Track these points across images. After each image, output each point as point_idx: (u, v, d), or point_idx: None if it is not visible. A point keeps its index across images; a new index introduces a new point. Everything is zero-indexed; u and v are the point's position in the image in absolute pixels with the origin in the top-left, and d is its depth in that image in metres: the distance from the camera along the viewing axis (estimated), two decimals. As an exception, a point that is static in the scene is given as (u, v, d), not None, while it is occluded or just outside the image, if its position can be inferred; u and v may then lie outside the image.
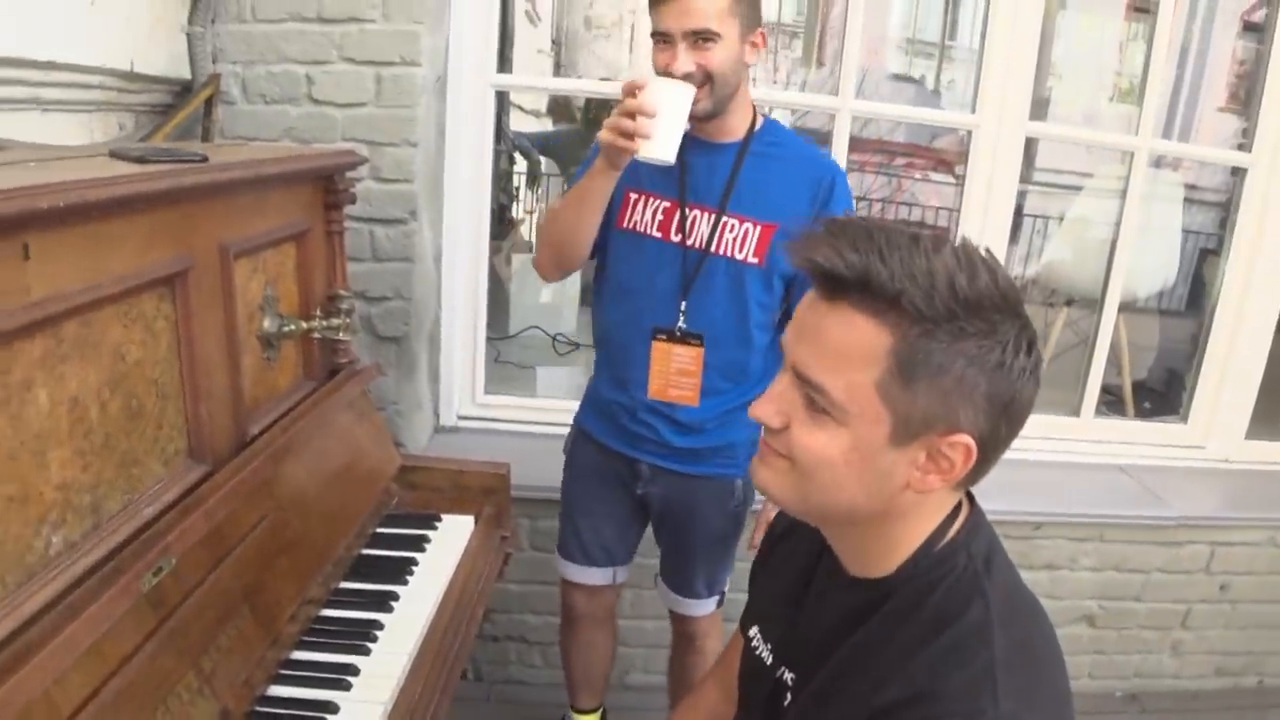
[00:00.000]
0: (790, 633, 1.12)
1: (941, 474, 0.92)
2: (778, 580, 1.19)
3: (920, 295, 0.85)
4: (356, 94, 2.29)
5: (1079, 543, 2.82)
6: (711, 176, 1.83)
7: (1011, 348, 0.87)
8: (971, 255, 0.88)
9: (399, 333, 2.46)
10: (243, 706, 1.25)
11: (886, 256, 0.86)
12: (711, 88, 1.72)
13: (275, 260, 1.59)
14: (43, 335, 1.03)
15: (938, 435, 0.89)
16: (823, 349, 0.91)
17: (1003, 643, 0.90)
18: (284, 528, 1.47)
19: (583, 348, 3.78)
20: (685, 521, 2.00)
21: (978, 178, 2.75)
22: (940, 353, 0.86)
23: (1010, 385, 0.88)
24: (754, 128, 1.84)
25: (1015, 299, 0.89)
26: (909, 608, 0.96)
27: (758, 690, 1.15)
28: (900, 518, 0.96)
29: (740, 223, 1.82)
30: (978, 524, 1.01)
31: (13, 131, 1.66)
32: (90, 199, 1.04)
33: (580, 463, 2.11)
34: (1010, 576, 1.00)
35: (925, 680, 0.89)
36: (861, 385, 0.88)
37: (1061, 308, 3.99)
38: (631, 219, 1.89)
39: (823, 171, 1.84)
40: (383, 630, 1.48)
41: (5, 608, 0.98)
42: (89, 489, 1.13)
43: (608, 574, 2.13)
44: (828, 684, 1.00)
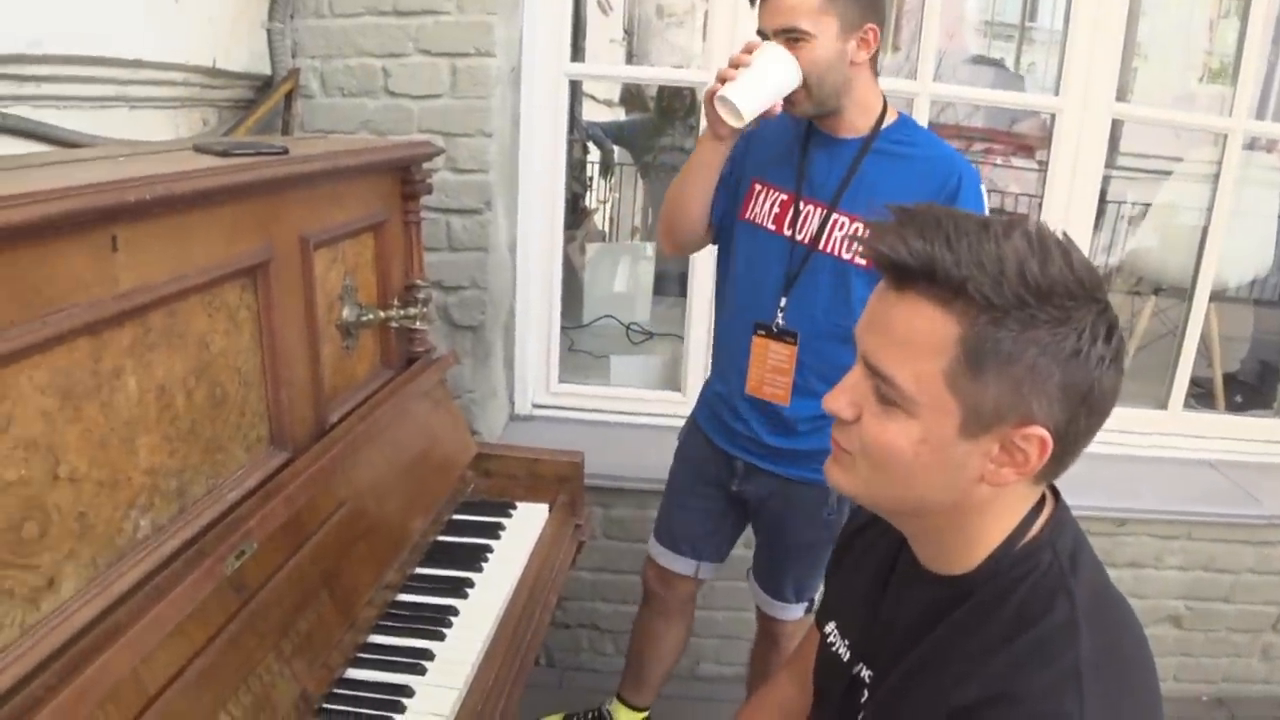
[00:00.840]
0: (868, 630, 1.10)
1: (1016, 467, 0.89)
2: (855, 576, 1.17)
3: (988, 282, 0.83)
4: (432, 85, 2.32)
5: (1165, 540, 2.73)
6: (829, 171, 1.79)
7: (1088, 335, 0.84)
8: (1045, 240, 0.85)
9: (475, 322, 2.48)
10: (321, 688, 1.28)
11: (953, 243, 0.84)
12: (807, 89, 1.68)
13: (354, 250, 1.61)
14: (131, 325, 1.06)
15: (1010, 427, 0.87)
16: (891, 339, 0.90)
17: (1089, 643, 0.87)
18: (362, 514, 1.49)
19: (656, 337, 3.78)
20: (778, 524, 1.99)
21: (1061, 163, 2.68)
22: (1010, 341, 0.83)
23: (1087, 374, 0.85)
24: (881, 124, 1.77)
25: (1093, 284, 0.85)
26: (991, 606, 0.93)
27: (834, 686, 1.14)
28: (978, 512, 0.94)
29: (850, 221, 1.77)
30: (1062, 521, 0.98)
31: (102, 128, 1.71)
32: (175, 192, 1.07)
33: (686, 453, 2.12)
34: (1098, 576, 0.97)
35: (1007, 680, 0.87)
36: (929, 375, 0.87)
37: (1149, 297, 3.86)
38: (752, 210, 1.88)
39: (949, 172, 1.74)
40: (458, 616, 1.50)
41: (96, 588, 1.02)
42: (175, 474, 1.16)
43: (690, 565, 2.13)
44: (905, 680, 0.99)
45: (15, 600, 0.92)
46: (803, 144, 1.82)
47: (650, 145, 5.58)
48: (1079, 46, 2.57)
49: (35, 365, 0.93)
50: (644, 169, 5.75)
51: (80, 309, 0.97)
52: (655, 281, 4.08)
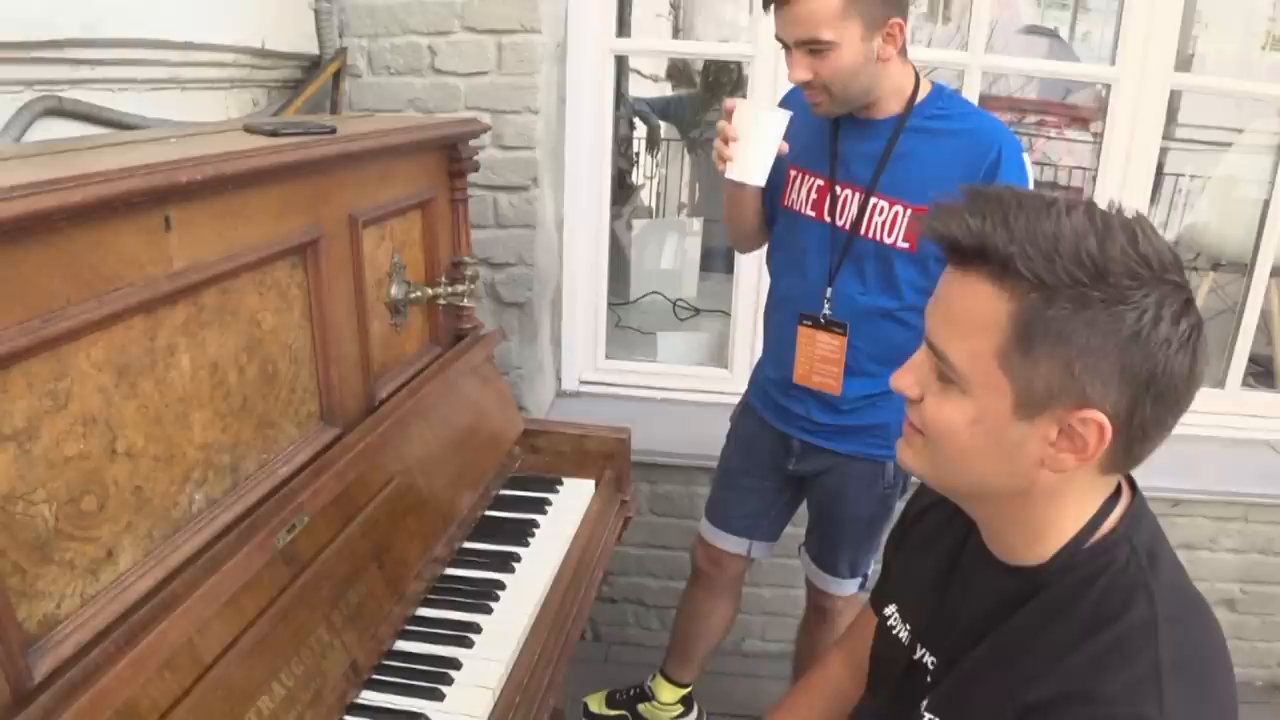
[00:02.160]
0: (933, 615, 1.09)
1: (1075, 452, 0.86)
2: (920, 559, 1.15)
3: (1040, 259, 0.81)
4: (478, 63, 2.32)
5: (1221, 522, 2.68)
6: (863, 154, 1.76)
7: (1150, 317, 0.81)
8: (1109, 218, 0.83)
9: (522, 298, 2.49)
10: (371, 660, 1.31)
11: (1010, 221, 0.83)
12: (829, 94, 1.65)
13: (402, 228, 1.63)
14: (184, 303, 1.08)
15: (1066, 409, 0.85)
16: (949, 317, 0.89)
17: (1169, 644, 0.86)
18: (411, 489, 1.51)
19: (703, 313, 3.77)
20: (834, 501, 1.98)
21: (1117, 135, 2.62)
22: (1062, 320, 0.82)
23: (1149, 358, 0.82)
24: (914, 99, 1.72)
25: (1162, 264, 0.82)
26: (1066, 601, 0.92)
27: (892, 669, 1.13)
28: (1045, 501, 0.92)
29: (890, 205, 1.73)
30: (1140, 515, 0.96)
31: (156, 110, 1.73)
32: (226, 172, 1.09)
33: (740, 433, 2.12)
34: (1178, 575, 0.95)
35: (1083, 679, 0.86)
36: (982, 353, 0.86)
37: (1207, 272, 3.78)
38: (790, 196, 1.86)
39: (987, 145, 1.68)
40: (505, 590, 1.52)
41: (153, 560, 1.04)
42: (228, 449, 1.18)
43: (741, 544, 2.13)
44: (975, 673, 0.97)
45: (76, 571, 0.94)
46: (834, 127, 1.79)
47: (697, 120, 5.55)
48: (1136, 14, 2.50)
49: (93, 343, 0.95)
50: (690, 144, 5.73)
51: (135, 288, 0.99)
52: (702, 258, 4.07)
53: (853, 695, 1.28)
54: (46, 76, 1.50)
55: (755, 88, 2.56)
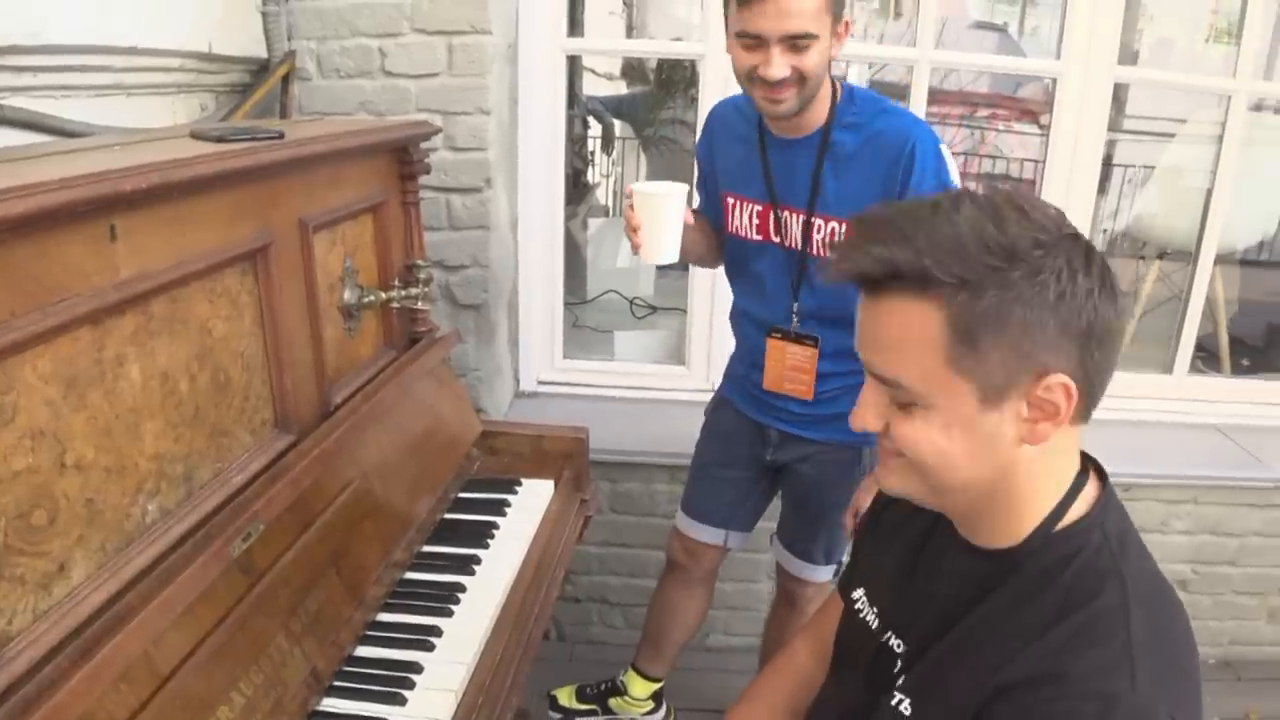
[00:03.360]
0: (901, 599, 1.11)
1: (1050, 418, 0.89)
2: (888, 545, 1.17)
3: (954, 261, 0.85)
4: (429, 64, 2.31)
5: (1172, 505, 2.74)
6: (794, 176, 1.78)
7: (1066, 275, 0.85)
8: (995, 201, 0.88)
9: (478, 300, 2.49)
10: (331, 666, 1.30)
11: (909, 236, 0.86)
12: (800, 89, 1.65)
13: (354, 232, 1.62)
14: (133, 313, 1.07)
15: (1029, 384, 0.88)
16: (884, 345, 0.92)
17: (1140, 626, 0.88)
18: (368, 494, 1.51)
19: (660, 311, 3.78)
20: (812, 488, 2.01)
21: (1064, 127, 2.66)
22: (994, 308, 0.85)
23: (1079, 311, 0.86)
24: (833, 107, 1.74)
25: (1056, 225, 0.88)
26: (1038, 584, 0.94)
27: (860, 655, 1.14)
28: (1025, 479, 0.94)
29: (826, 222, 1.77)
30: (1110, 502, 0.99)
31: (101, 116, 1.71)
32: (172, 179, 1.08)
33: (716, 427, 2.14)
34: (1146, 561, 0.97)
35: (1055, 660, 0.88)
36: (932, 367, 0.88)
37: (1154, 260, 3.85)
38: (733, 223, 1.89)
39: (900, 144, 1.69)
40: (465, 592, 1.52)
41: (106, 573, 1.03)
42: (181, 459, 1.17)
43: (717, 535, 2.15)
44: (947, 656, 0.99)
45: (27, 587, 0.93)
46: (760, 150, 1.81)
47: (651, 118, 5.56)
48: (1080, 9, 2.55)
49: (39, 355, 0.94)
50: (645, 142, 5.73)
51: (81, 298, 0.98)
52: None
53: (819, 680, 1.29)
54: (-14, 84, 1.48)
55: (706, 85, 2.58)
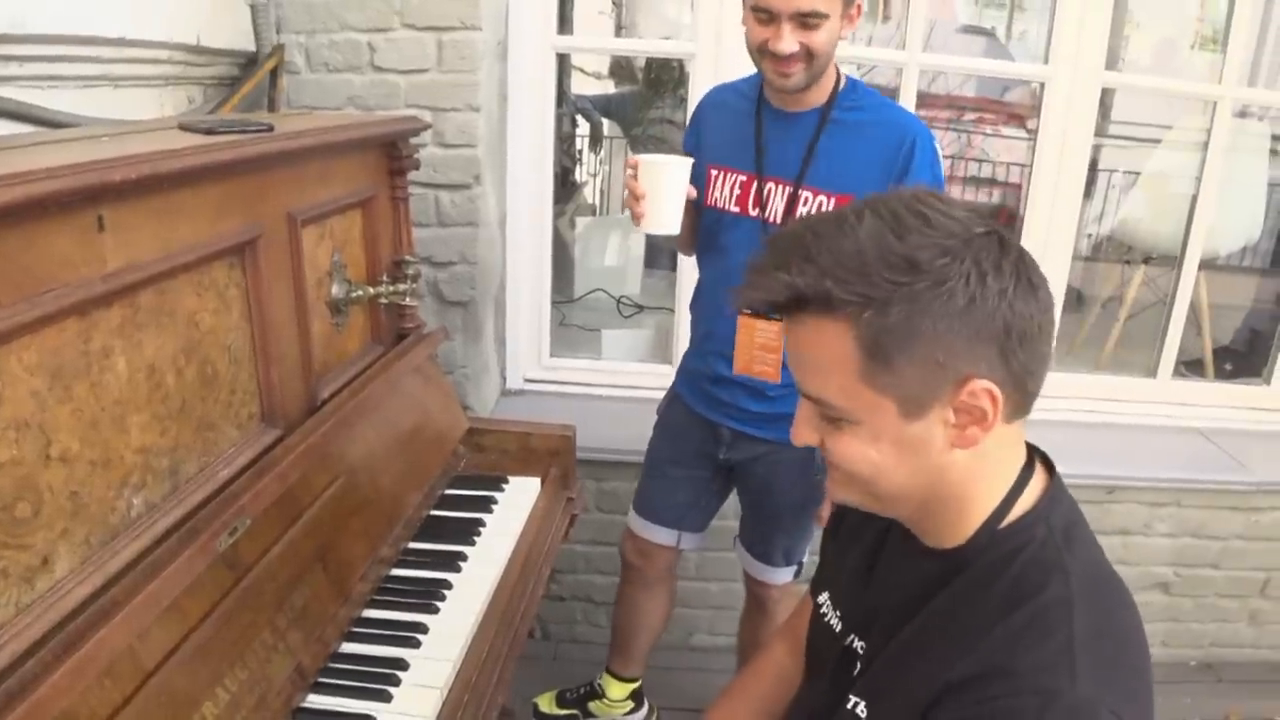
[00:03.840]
0: (860, 602, 1.11)
1: (979, 423, 0.89)
2: (848, 548, 1.17)
3: (856, 280, 0.84)
4: (418, 60, 2.30)
5: (1154, 508, 2.75)
6: (788, 147, 1.80)
7: (974, 279, 0.84)
8: (895, 210, 0.87)
9: (465, 297, 2.48)
10: (317, 663, 1.29)
11: (813, 256, 0.86)
12: (809, 65, 1.68)
13: (342, 227, 1.61)
14: (120, 304, 1.06)
15: (950, 392, 0.87)
16: (805, 365, 0.93)
17: (1083, 620, 0.88)
18: (355, 489, 1.50)
19: (647, 310, 3.78)
20: (766, 489, 2.00)
21: (1050, 132, 2.68)
22: (902, 323, 0.84)
23: (993, 315, 0.85)
24: (836, 92, 1.78)
25: (964, 226, 0.86)
26: (984, 581, 0.94)
27: (826, 657, 1.15)
28: (966, 479, 0.94)
29: (815, 195, 1.78)
30: (1057, 496, 0.98)
31: (88, 108, 1.70)
32: (161, 171, 1.07)
33: (668, 424, 2.13)
34: (1093, 552, 0.97)
35: (1000, 656, 0.87)
36: (848, 384, 0.89)
37: (1139, 265, 3.87)
38: (712, 195, 1.89)
39: (902, 136, 1.75)
40: (451, 590, 1.51)
41: (90, 566, 1.02)
42: (167, 453, 1.16)
43: (670, 535, 2.14)
44: (899, 655, 0.99)
45: (10, 580, 0.92)
46: (756, 122, 1.82)
47: (639, 117, 5.55)
48: (1068, 14, 2.56)
49: (24, 346, 0.93)
50: (633, 141, 5.73)
51: (68, 289, 0.97)
52: (646, 254, 4.08)
53: (796, 680, 1.30)
54: (-27, 74, 1.46)
55: (696, 84, 2.57)
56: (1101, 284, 4.49)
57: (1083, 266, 4.80)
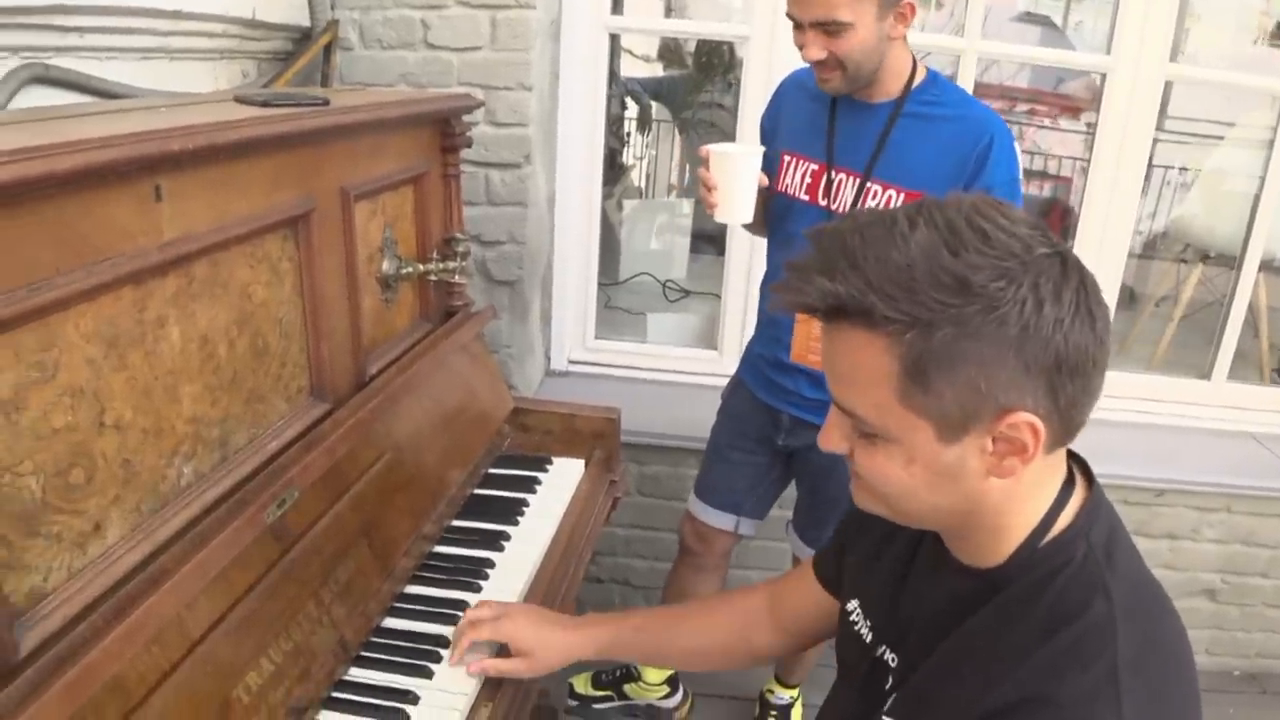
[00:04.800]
0: (891, 614, 1.07)
1: (1018, 455, 0.84)
2: (877, 556, 1.13)
3: (903, 297, 0.78)
4: (472, 38, 2.30)
5: (1204, 513, 2.70)
6: (859, 138, 1.77)
7: (1030, 306, 0.78)
8: (953, 221, 0.80)
9: (512, 277, 2.48)
10: (359, 637, 1.30)
11: (861, 263, 0.80)
12: (844, 72, 1.66)
13: (394, 203, 1.61)
14: (175, 275, 1.07)
15: (990, 422, 0.82)
16: (841, 377, 0.88)
17: (1127, 643, 0.83)
18: (400, 465, 1.50)
19: (693, 295, 3.77)
20: (823, 475, 1.99)
21: (1110, 125, 2.62)
22: (948, 346, 0.78)
23: (1047, 345, 0.79)
24: (911, 84, 1.74)
25: (1025, 245, 0.79)
26: (1023, 603, 0.89)
27: (857, 666, 1.11)
28: (1003, 503, 0.89)
29: (884, 189, 1.75)
30: (1096, 508, 0.93)
31: (144, 79, 1.71)
32: (218, 142, 1.07)
33: (731, 409, 2.13)
34: (1135, 567, 0.92)
35: (1040, 683, 0.83)
36: (885, 402, 0.84)
37: (1195, 264, 3.79)
38: (784, 182, 1.87)
39: (979, 134, 1.70)
40: (494, 569, 1.51)
41: (141, 534, 1.03)
42: (218, 423, 1.17)
43: (729, 520, 2.14)
44: (933, 677, 0.95)
45: (63, 544, 0.93)
46: (830, 110, 1.80)
47: (689, 101, 5.53)
48: (1133, 4, 2.50)
49: (81, 314, 0.93)
50: (682, 125, 5.71)
51: (125, 258, 0.97)
52: (691, 239, 4.06)
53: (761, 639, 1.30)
54: (33, 43, 1.47)
55: (750, 69, 2.55)
56: (1155, 282, 4.41)
57: (1135, 264, 4.71)
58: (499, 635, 1.28)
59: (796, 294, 0.85)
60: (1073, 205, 5.60)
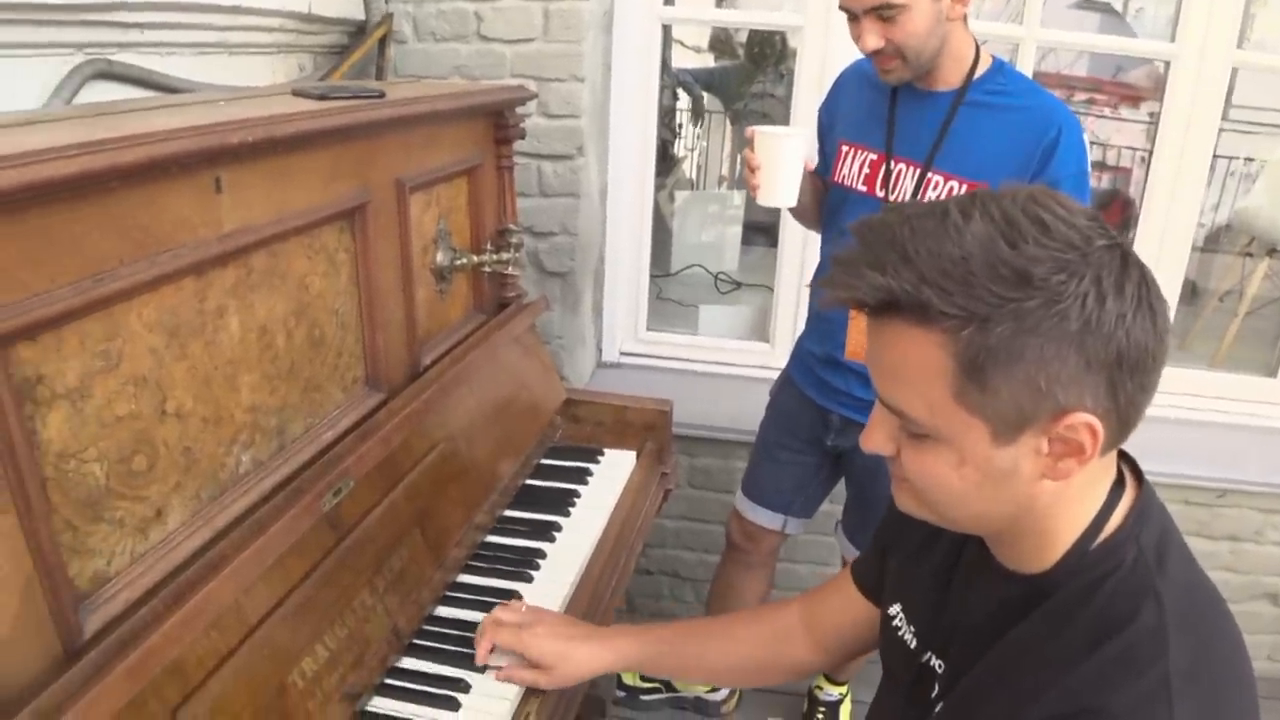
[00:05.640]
0: (936, 619, 1.04)
1: (1074, 456, 0.81)
2: (919, 560, 1.10)
3: (959, 291, 0.75)
4: (524, 30, 2.30)
5: (1267, 514, 2.61)
6: (920, 128, 1.73)
7: (1093, 299, 0.75)
8: (1009, 212, 0.77)
9: (565, 268, 2.48)
10: (412, 625, 1.31)
11: (910, 256, 0.77)
12: (904, 60, 1.63)
13: (448, 194, 1.62)
14: (234, 265, 1.08)
15: (1046, 422, 0.79)
16: (889, 373, 0.84)
17: (1180, 652, 0.80)
18: (454, 456, 1.51)
19: (744, 287, 3.75)
20: (872, 478, 1.96)
21: (1174, 114, 2.55)
22: (1006, 342, 0.75)
23: (1109, 341, 0.76)
24: (974, 72, 1.70)
25: (1084, 237, 0.76)
26: (1070, 610, 0.86)
27: (902, 671, 1.09)
28: (1050, 510, 0.86)
29: (945, 180, 1.71)
30: (1147, 509, 0.89)
31: (203, 74, 1.73)
32: (277, 134, 1.08)
33: (779, 406, 2.11)
34: (1188, 570, 0.88)
35: (1089, 694, 0.80)
36: (939, 401, 0.81)
37: (1261, 258, 3.69)
38: (841, 172, 1.84)
39: (1046, 124, 1.65)
40: (545, 559, 1.52)
41: (200, 520, 1.05)
42: (275, 412, 1.18)
43: (776, 519, 2.12)
44: (979, 686, 0.93)
45: (126, 529, 0.95)
46: (890, 100, 1.76)
47: (741, 92, 5.50)
48: (1199, -11, 2.44)
49: (144, 304, 0.95)
50: (734, 116, 5.68)
51: (186, 249, 0.99)
52: (743, 231, 4.04)
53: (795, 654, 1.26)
54: (96, 39, 1.50)
55: (803, 58, 2.52)
56: (1218, 276, 4.30)
57: (1198, 257, 4.60)
58: (519, 646, 1.23)
59: (845, 289, 0.81)
60: (1132, 196, 5.49)
